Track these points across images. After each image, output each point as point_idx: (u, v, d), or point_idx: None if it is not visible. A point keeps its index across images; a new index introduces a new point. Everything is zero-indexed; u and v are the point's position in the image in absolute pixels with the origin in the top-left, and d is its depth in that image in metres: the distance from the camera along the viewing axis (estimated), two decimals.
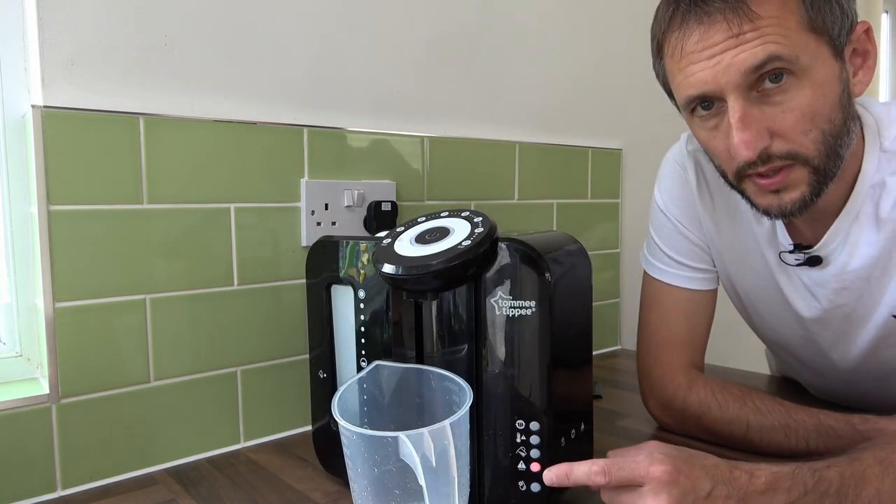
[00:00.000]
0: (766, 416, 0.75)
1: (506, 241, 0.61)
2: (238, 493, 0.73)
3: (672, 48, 0.66)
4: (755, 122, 0.62)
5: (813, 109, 0.62)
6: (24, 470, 0.72)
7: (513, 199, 1.18)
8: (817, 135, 0.63)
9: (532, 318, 0.60)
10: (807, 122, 0.62)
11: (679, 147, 0.87)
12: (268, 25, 0.87)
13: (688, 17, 0.63)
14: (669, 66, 0.68)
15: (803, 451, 0.72)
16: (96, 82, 0.75)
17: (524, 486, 0.61)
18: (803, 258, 0.75)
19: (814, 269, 0.75)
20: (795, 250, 0.76)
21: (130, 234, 0.77)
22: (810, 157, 0.64)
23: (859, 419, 0.70)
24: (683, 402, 0.81)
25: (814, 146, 0.63)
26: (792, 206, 0.66)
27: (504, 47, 1.15)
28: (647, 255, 0.89)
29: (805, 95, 0.62)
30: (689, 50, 0.64)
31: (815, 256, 0.74)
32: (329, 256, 0.72)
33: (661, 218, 0.87)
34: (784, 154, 0.63)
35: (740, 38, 0.61)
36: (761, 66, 0.61)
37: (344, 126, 0.95)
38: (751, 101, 0.63)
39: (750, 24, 0.60)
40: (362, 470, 0.54)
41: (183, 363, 0.82)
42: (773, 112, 0.63)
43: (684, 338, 0.84)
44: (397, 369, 0.62)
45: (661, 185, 0.88)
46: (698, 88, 0.64)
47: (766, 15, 0.60)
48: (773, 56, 0.60)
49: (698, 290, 0.85)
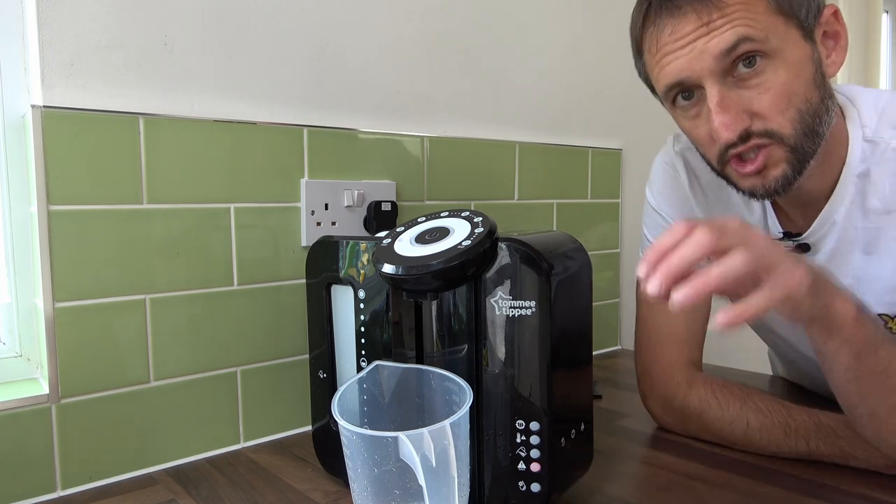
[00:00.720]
0: (767, 416, 0.75)
1: (506, 241, 0.61)
2: (238, 493, 0.73)
3: (648, 44, 0.69)
4: (733, 104, 0.65)
5: (788, 89, 0.65)
6: (23, 470, 0.72)
7: (513, 199, 1.18)
8: (794, 113, 0.65)
9: (532, 318, 0.60)
10: (783, 101, 0.65)
11: (667, 149, 0.90)
12: (268, 25, 0.87)
13: (660, 13, 0.67)
14: (648, 61, 0.71)
15: (803, 450, 0.73)
16: (96, 82, 0.75)
17: (524, 486, 0.61)
18: (792, 245, 0.77)
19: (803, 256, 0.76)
20: (785, 238, 0.77)
21: (130, 234, 0.77)
22: (787, 135, 0.66)
23: None
24: (684, 400, 0.81)
25: (790, 125, 0.65)
26: (775, 184, 0.68)
27: (504, 47, 1.15)
28: (643, 255, 0.89)
29: (779, 76, 0.64)
30: (663, 42, 0.67)
31: (804, 244, 0.76)
32: (329, 256, 0.72)
33: (655, 216, 0.89)
34: (762, 132, 0.66)
35: (710, 26, 0.63)
36: (732, 48, 0.63)
37: (344, 126, 0.95)
38: (727, 85, 0.65)
39: (718, 12, 0.63)
40: (362, 470, 0.54)
41: (183, 363, 0.82)
42: (749, 94, 0.65)
43: (683, 335, 0.84)
44: (397, 369, 0.62)
45: (653, 186, 0.90)
46: (674, 76, 0.67)
47: (733, 2, 0.63)
48: (743, 38, 0.63)
49: None
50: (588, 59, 1.30)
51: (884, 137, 0.70)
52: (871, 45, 2.60)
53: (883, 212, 0.70)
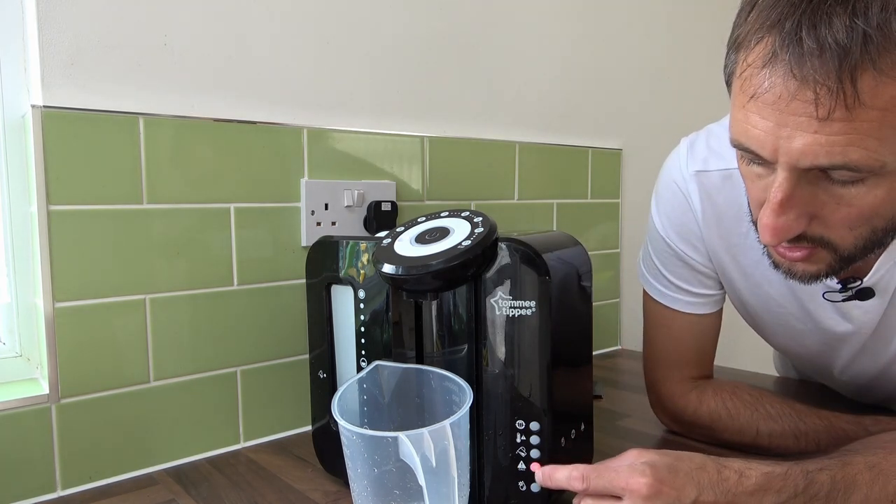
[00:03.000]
0: (777, 422, 0.74)
1: (506, 241, 0.61)
2: (238, 493, 0.73)
3: (748, 66, 0.51)
4: (798, 205, 0.52)
5: (875, 211, 0.52)
6: (23, 470, 0.72)
7: (513, 199, 1.18)
8: (865, 231, 0.53)
9: (532, 318, 0.60)
10: (862, 220, 0.52)
11: (679, 164, 0.76)
12: (267, 25, 0.87)
13: (779, 54, 0.48)
14: (736, 84, 0.53)
15: (814, 453, 0.71)
16: (96, 82, 0.75)
17: (524, 486, 0.61)
18: (852, 293, 0.66)
19: (865, 301, 0.67)
20: (843, 288, 0.67)
21: (130, 234, 0.77)
22: (843, 248, 0.54)
23: (871, 421, 0.69)
24: (694, 415, 0.79)
25: (854, 241, 0.54)
26: (805, 279, 0.59)
27: (504, 47, 1.15)
28: (648, 275, 0.83)
29: (875, 196, 0.50)
30: (761, 91, 0.49)
31: (866, 289, 0.66)
32: (329, 256, 0.72)
33: (662, 243, 0.79)
34: (817, 238, 0.54)
35: (823, 124, 0.47)
36: (830, 168, 0.49)
37: (344, 126, 0.95)
38: (804, 180, 0.51)
39: (844, 112, 0.46)
40: (362, 470, 0.54)
41: (183, 363, 0.82)
42: (826, 200, 0.52)
43: (693, 357, 0.82)
44: (397, 369, 0.62)
45: (660, 206, 0.79)
46: (751, 146, 0.52)
47: (872, 107, 0.46)
48: (851, 166, 0.48)
49: (706, 313, 0.80)
50: (588, 59, 1.30)
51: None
52: None
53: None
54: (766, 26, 0.49)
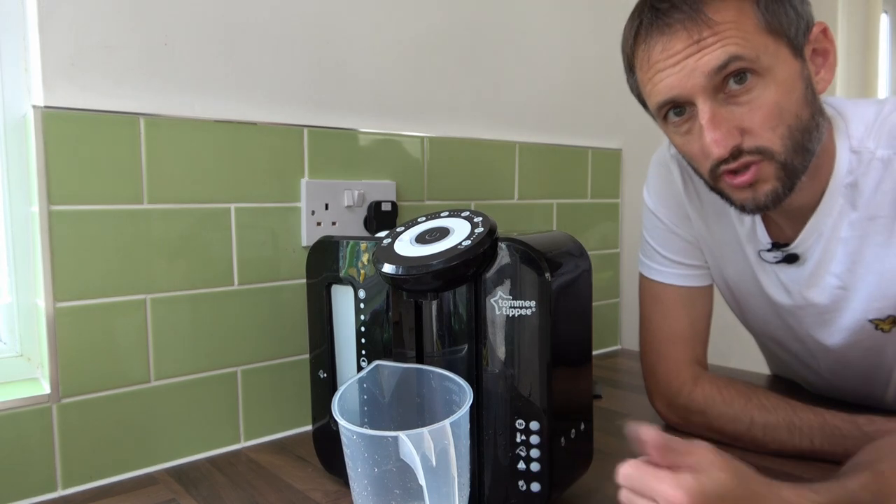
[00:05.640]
0: (771, 413, 0.75)
1: (506, 241, 0.61)
2: (238, 493, 0.73)
3: (640, 61, 0.70)
4: (724, 121, 0.65)
5: (779, 106, 0.65)
6: (24, 470, 0.72)
7: (513, 199, 1.18)
8: (784, 130, 0.66)
9: (532, 318, 0.60)
10: (774, 118, 0.65)
11: (663, 150, 0.90)
12: (268, 25, 0.88)
13: (650, 31, 0.67)
14: (640, 78, 0.71)
15: (807, 449, 0.73)
16: (97, 82, 0.75)
17: (524, 486, 0.61)
18: (781, 256, 0.78)
19: (791, 266, 0.78)
20: (773, 248, 0.78)
21: (130, 234, 0.77)
22: (777, 152, 0.66)
23: (865, 420, 0.70)
24: (688, 397, 0.81)
25: (781, 142, 0.66)
26: (766, 199, 0.68)
27: (504, 47, 1.15)
28: (643, 257, 0.90)
29: (770, 93, 0.65)
30: (654, 59, 0.68)
31: (792, 254, 0.77)
32: (329, 256, 0.72)
33: (653, 219, 0.89)
34: (753, 149, 0.66)
35: (701, 44, 0.64)
36: (723, 66, 0.64)
37: (344, 126, 0.95)
38: (718, 102, 0.66)
39: (709, 30, 0.64)
40: (362, 470, 0.54)
41: (183, 363, 0.82)
42: (741, 111, 0.65)
43: (687, 334, 0.85)
44: (397, 369, 0.62)
45: (650, 187, 0.90)
46: (666, 94, 0.68)
47: (724, 20, 0.64)
48: (734, 56, 0.63)
49: (695, 286, 0.87)
50: (588, 59, 1.30)
51: (868, 147, 0.70)
52: (870, 45, 2.60)
53: (867, 218, 0.71)
54: (631, 24, 0.71)
